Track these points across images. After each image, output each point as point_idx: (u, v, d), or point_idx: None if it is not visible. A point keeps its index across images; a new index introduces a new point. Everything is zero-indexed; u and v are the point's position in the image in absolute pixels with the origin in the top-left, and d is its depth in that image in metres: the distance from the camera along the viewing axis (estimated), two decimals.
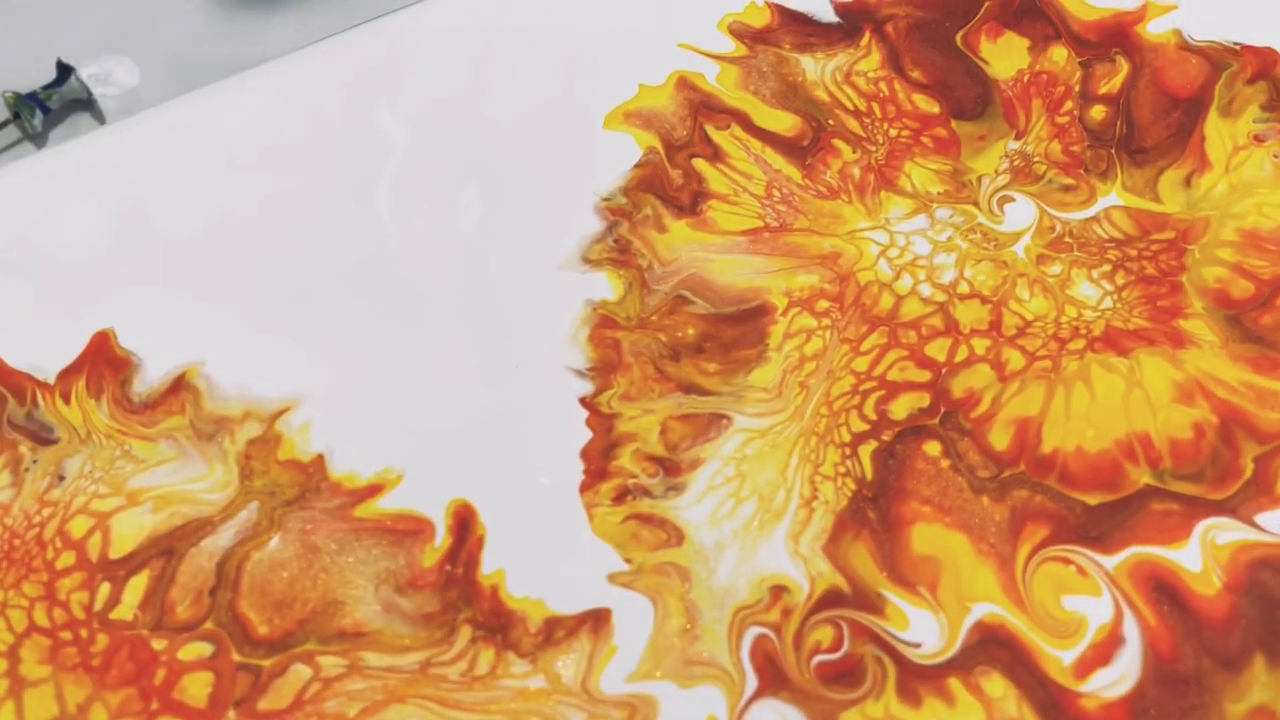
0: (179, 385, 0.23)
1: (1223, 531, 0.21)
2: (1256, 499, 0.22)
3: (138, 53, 0.30)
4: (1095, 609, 0.21)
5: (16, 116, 0.28)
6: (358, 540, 0.22)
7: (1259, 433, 0.22)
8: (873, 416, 0.23)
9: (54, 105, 0.29)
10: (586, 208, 0.25)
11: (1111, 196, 0.26)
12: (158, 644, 0.20)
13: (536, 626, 0.21)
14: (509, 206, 0.26)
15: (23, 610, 0.21)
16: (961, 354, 0.24)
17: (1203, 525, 0.21)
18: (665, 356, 0.24)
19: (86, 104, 0.29)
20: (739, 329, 0.24)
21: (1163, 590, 0.21)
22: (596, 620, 0.21)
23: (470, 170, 0.26)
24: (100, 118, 0.29)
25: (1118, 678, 0.20)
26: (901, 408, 0.23)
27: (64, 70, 0.29)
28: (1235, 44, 0.28)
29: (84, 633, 0.21)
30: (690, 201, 0.26)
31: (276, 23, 0.30)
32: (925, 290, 0.24)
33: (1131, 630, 0.20)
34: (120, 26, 0.30)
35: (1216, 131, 0.26)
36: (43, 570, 0.21)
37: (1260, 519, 0.21)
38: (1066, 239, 0.25)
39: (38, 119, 0.28)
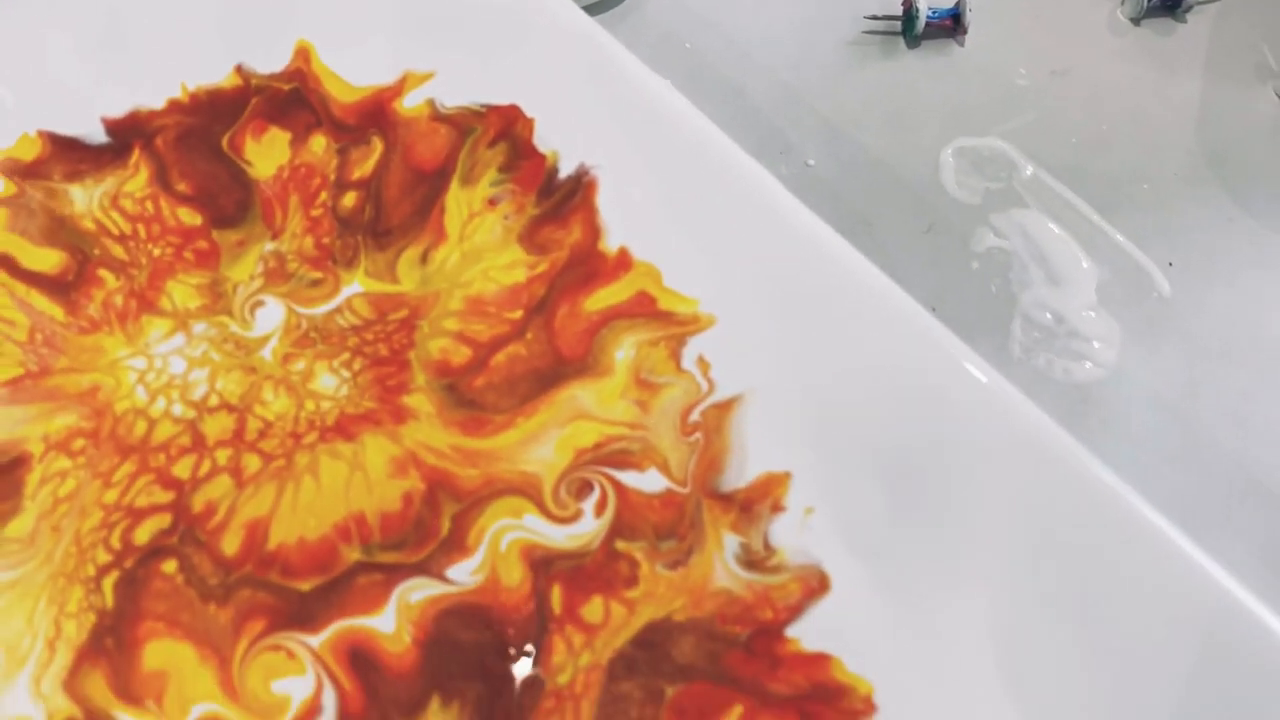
0: None
1: (416, 590, 0.26)
2: (449, 554, 0.26)
3: None
4: (299, 687, 0.25)
5: None
6: None
7: (459, 491, 0.27)
8: (118, 546, 0.26)
9: None
10: None
11: (354, 285, 0.29)
12: None
13: None
14: None
15: None
16: (205, 468, 0.27)
17: (400, 588, 0.26)
18: None
19: None
20: None
21: (359, 657, 0.25)
22: None
23: None
24: None
25: None
26: (145, 532, 0.26)
27: None
28: (483, 106, 0.31)
29: None
30: None
31: None
32: (177, 409, 0.27)
33: (329, 699, 0.25)
34: None
35: (456, 202, 0.30)
36: None
37: (450, 572, 0.26)
38: (311, 334, 0.28)
39: None
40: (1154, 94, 0.43)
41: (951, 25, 0.43)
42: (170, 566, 0.26)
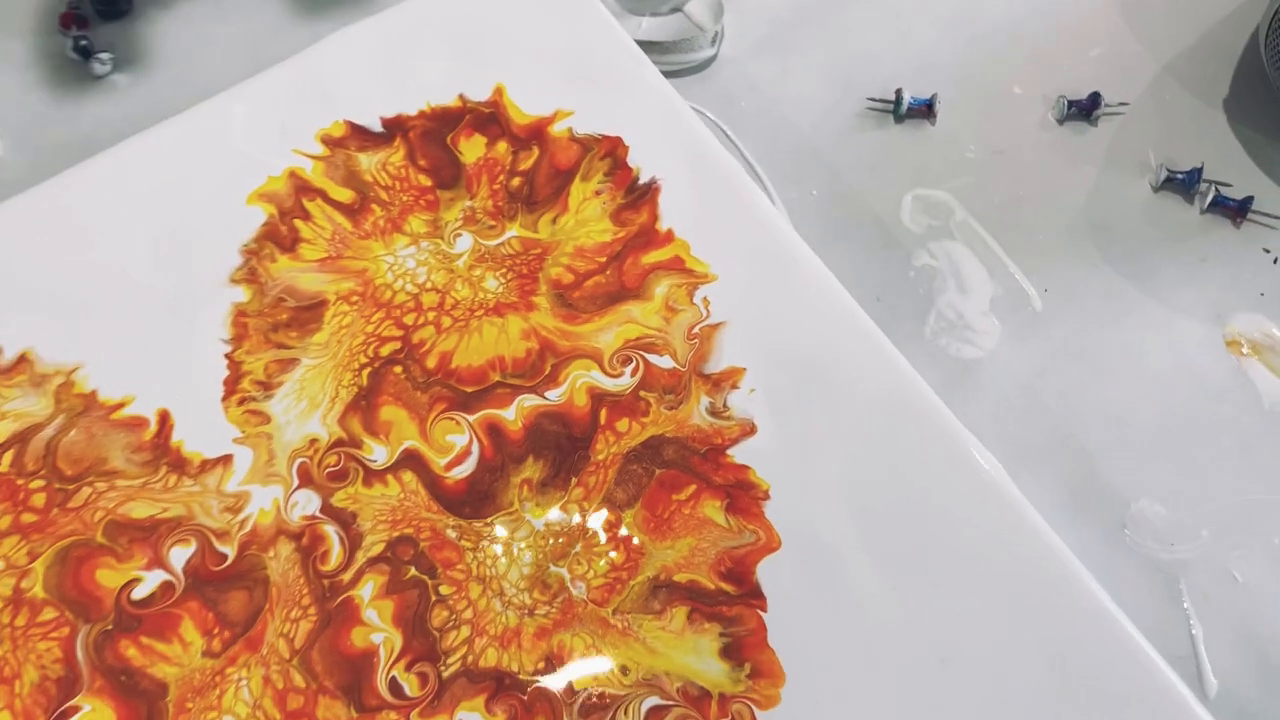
0: (21, 360, 0.47)
1: (528, 400, 0.47)
2: (547, 384, 0.47)
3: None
4: (460, 439, 0.46)
5: None
6: (113, 429, 0.46)
7: (558, 352, 0.48)
8: (371, 355, 0.48)
9: None
10: (233, 251, 0.49)
11: (513, 231, 0.50)
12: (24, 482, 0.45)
13: (198, 462, 0.45)
14: (195, 253, 0.49)
15: None
16: (420, 320, 0.48)
17: (519, 398, 0.47)
18: (270, 330, 0.48)
19: None
20: (310, 314, 0.48)
21: (493, 429, 0.46)
22: (227, 460, 0.45)
23: (182, 240, 0.50)
24: None
25: (464, 468, 0.45)
26: (386, 350, 0.48)
27: None
28: (599, 135, 0.52)
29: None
30: (290, 244, 0.50)
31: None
32: (409, 287, 0.49)
33: (475, 448, 0.46)
34: None
35: (577, 190, 0.51)
36: None
37: (547, 394, 0.47)
38: (486, 255, 0.50)
39: None
40: (1061, 174, 0.61)
41: (926, 110, 0.62)
42: (398, 370, 0.47)
